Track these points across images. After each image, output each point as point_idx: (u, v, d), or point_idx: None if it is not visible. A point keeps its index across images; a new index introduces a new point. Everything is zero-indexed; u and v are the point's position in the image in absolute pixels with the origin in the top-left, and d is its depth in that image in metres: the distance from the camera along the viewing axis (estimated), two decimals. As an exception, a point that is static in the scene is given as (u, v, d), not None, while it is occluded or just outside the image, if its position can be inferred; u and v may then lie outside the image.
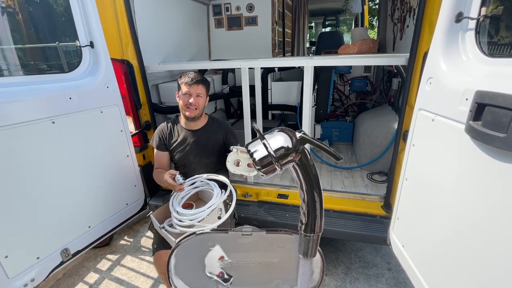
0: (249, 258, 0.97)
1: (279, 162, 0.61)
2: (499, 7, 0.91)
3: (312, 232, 0.70)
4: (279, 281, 1.01)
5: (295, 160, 0.62)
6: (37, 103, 1.26)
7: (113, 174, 1.66)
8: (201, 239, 0.95)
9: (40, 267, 1.32)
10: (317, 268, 0.94)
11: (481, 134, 0.74)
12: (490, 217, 0.77)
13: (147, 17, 2.34)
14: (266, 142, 0.61)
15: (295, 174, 0.65)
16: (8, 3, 2.15)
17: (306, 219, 0.69)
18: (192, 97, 1.59)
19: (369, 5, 7.61)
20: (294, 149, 0.61)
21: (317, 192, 0.66)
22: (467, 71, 0.91)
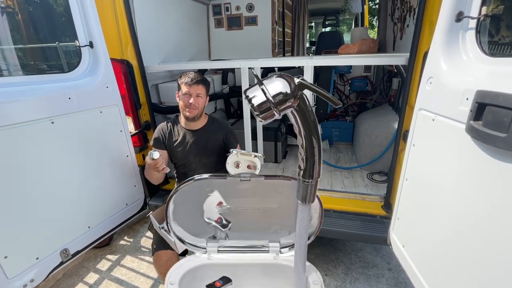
0: (248, 203, 0.97)
1: (277, 108, 0.60)
2: (499, 6, 0.91)
3: (311, 177, 0.70)
4: (277, 227, 1.02)
5: (293, 106, 0.62)
6: (37, 103, 1.26)
7: (113, 174, 1.66)
8: (200, 185, 0.94)
9: (39, 267, 1.32)
10: (315, 213, 0.94)
11: (482, 134, 0.73)
12: (490, 217, 0.76)
13: (146, 17, 2.34)
14: (264, 88, 0.61)
15: (294, 119, 0.65)
16: (7, 3, 2.15)
17: (305, 164, 0.69)
18: (192, 97, 1.59)
19: (369, 5, 7.60)
20: (292, 94, 0.60)
21: (316, 138, 0.66)
22: (467, 70, 0.91)
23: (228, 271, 0.98)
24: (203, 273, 1.01)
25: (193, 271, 1.00)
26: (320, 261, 2.13)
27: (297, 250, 0.82)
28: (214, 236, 1.04)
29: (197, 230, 1.02)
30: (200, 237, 1.03)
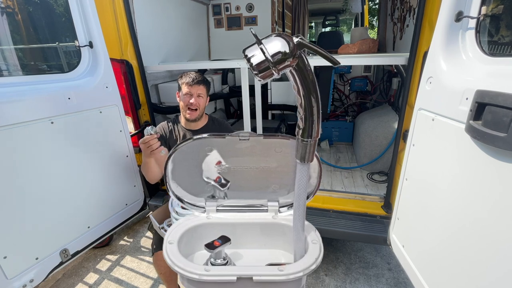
0: (247, 163, 0.97)
1: (276, 67, 0.60)
2: (499, 6, 0.91)
3: (309, 137, 0.69)
4: (276, 186, 1.01)
5: (292, 65, 0.62)
6: (36, 103, 1.26)
7: (113, 174, 1.66)
8: (199, 144, 0.93)
9: (39, 267, 1.32)
10: (314, 173, 0.94)
11: (482, 133, 0.73)
12: (490, 217, 0.76)
13: (146, 17, 2.34)
14: (263, 47, 0.61)
15: (292, 79, 0.65)
16: (7, 3, 2.15)
17: (303, 124, 0.68)
18: (193, 97, 1.59)
19: (369, 5, 7.60)
20: (291, 54, 0.60)
21: (314, 97, 0.65)
22: (467, 70, 0.91)
23: (226, 230, 0.97)
24: (201, 233, 1.01)
25: (192, 230, 0.99)
26: (320, 261, 2.13)
27: (295, 209, 0.82)
28: (213, 196, 1.03)
29: (196, 189, 1.01)
30: (199, 197, 1.03)
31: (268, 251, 1.06)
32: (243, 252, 1.05)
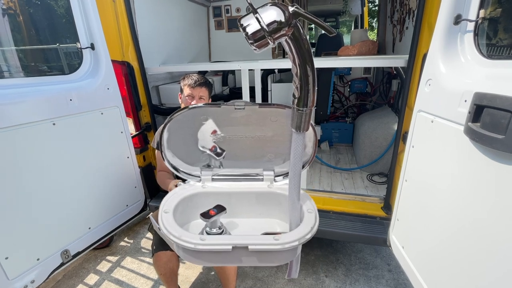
0: (242, 132, 0.97)
1: (271, 36, 0.60)
2: (497, 9, 0.92)
3: (305, 106, 0.69)
4: (271, 155, 1.01)
5: (287, 34, 0.61)
6: (38, 104, 1.27)
7: (113, 176, 1.67)
8: (194, 113, 0.93)
9: (40, 268, 1.32)
10: (309, 142, 0.94)
11: (480, 135, 0.74)
12: (489, 218, 0.77)
13: (147, 19, 2.36)
14: (258, 16, 0.60)
15: (288, 48, 0.64)
16: (9, 5, 2.16)
17: (299, 93, 0.68)
18: (195, 99, 1.59)
19: (369, 7, 7.63)
20: (287, 23, 0.60)
21: (310, 66, 0.65)
22: (466, 73, 0.92)
23: (222, 199, 0.97)
24: (197, 202, 1.01)
25: (187, 199, 0.99)
26: (320, 262, 2.13)
27: (291, 178, 0.81)
28: (209, 165, 1.03)
29: (192, 158, 1.01)
30: (194, 166, 1.02)
31: (263, 220, 1.06)
32: (238, 221, 1.05)
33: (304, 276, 2.01)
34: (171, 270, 1.55)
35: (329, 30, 0.64)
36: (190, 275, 2.06)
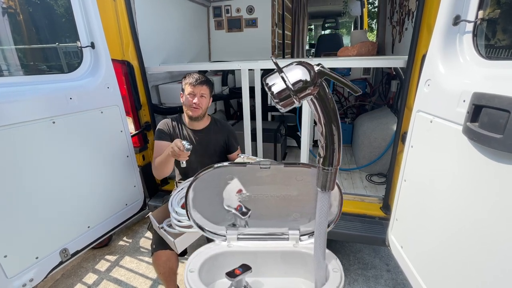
0: (267, 191, 0.97)
1: (297, 96, 0.60)
2: (496, 10, 0.92)
3: (330, 165, 0.69)
4: (297, 215, 1.01)
5: (313, 94, 0.62)
6: (38, 103, 1.27)
7: (113, 175, 1.67)
8: (219, 173, 0.94)
9: (39, 267, 1.32)
10: (335, 201, 0.94)
11: (478, 135, 0.74)
12: (487, 218, 0.77)
13: (147, 18, 2.36)
14: (284, 75, 0.61)
15: (313, 107, 0.65)
16: (9, 4, 2.16)
17: (324, 152, 0.68)
18: (196, 97, 1.60)
19: (369, 8, 7.65)
20: (312, 82, 0.60)
21: (335, 125, 0.65)
22: (464, 73, 0.92)
23: (247, 258, 0.97)
24: (222, 261, 1.01)
25: (213, 258, 1.00)
26: (319, 262, 2.13)
27: (316, 238, 0.81)
28: (234, 224, 1.03)
29: (217, 217, 1.01)
30: (219, 225, 1.03)
31: (289, 279, 1.06)
32: (264, 281, 1.05)
33: (303, 276, 2.01)
34: (170, 269, 1.55)
35: (354, 89, 0.64)
36: (189, 274, 2.05)
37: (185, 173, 1.76)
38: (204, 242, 1.79)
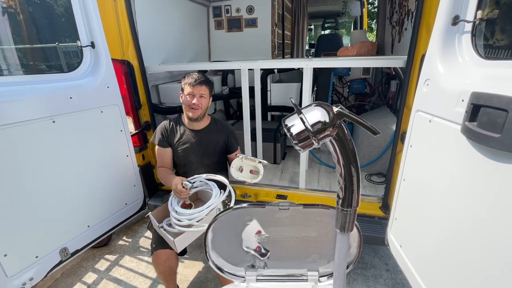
0: (286, 232, 0.97)
1: (316, 137, 0.60)
2: (494, 10, 0.93)
3: (349, 206, 0.70)
4: (316, 256, 1.01)
5: (332, 135, 0.62)
6: (38, 102, 1.27)
7: (113, 174, 1.67)
8: (238, 214, 0.94)
9: (39, 266, 1.32)
10: (354, 242, 0.93)
11: (477, 134, 0.75)
12: (486, 217, 0.78)
13: (147, 18, 2.36)
14: (303, 117, 0.61)
15: (332, 148, 0.65)
16: (9, 4, 2.16)
17: (343, 193, 0.69)
18: (195, 97, 1.59)
19: (368, 8, 7.66)
20: (331, 123, 0.60)
21: (354, 166, 0.66)
22: (463, 73, 0.93)
23: None
24: None
25: None
26: (318, 261, 2.14)
27: (336, 279, 0.80)
28: (253, 265, 1.03)
29: (236, 259, 1.02)
30: (238, 266, 1.03)
31: None
32: None
33: (303, 276, 2.01)
34: (170, 268, 1.55)
35: (374, 131, 0.64)
36: (188, 274, 2.06)
37: (184, 172, 1.77)
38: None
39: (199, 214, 1.33)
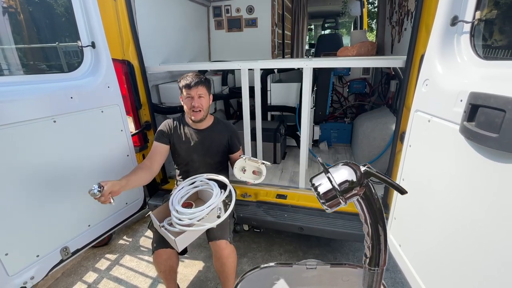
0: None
1: (343, 196, 0.61)
2: (493, 11, 0.93)
3: (377, 265, 0.70)
4: None
5: (359, 194, 0.63)
6: (39, 102, 1.27)
7: (113, 174, 1.67)
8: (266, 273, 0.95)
9: (39, 265, 1.33)
10: None
11: (475, 134, 0.75)
12: (485, 216, 0.78)
13: (148, 18, 2.36)
14: (330, 176, 0.62)
15: (359, 207, 0.66)
16: (10, 3, 2.17)
17: (371, 252, 0.69)
18: (194, 99, 1.57)
19: (368, 8, 7.66)
20: (358, 182, 0.62)
21: (381, 225, 0.66)
22: (462, 73, 0.93)
23: None
24: None
25: None
26: (318, 261, 2.15)
27: None
28: None
29: None
30: None
31: None
32: None
33: (302, 275, 2.02)
34: (170, 267, 1.56)
35: (401, 190, 0.64)
36: (189, 273, 2.07)
37: (186, 171, 1.77)
38: (204, 241, 1.82)
39: (200, 214, 1.33)
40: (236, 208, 1.84)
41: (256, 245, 2.34)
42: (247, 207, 1.99)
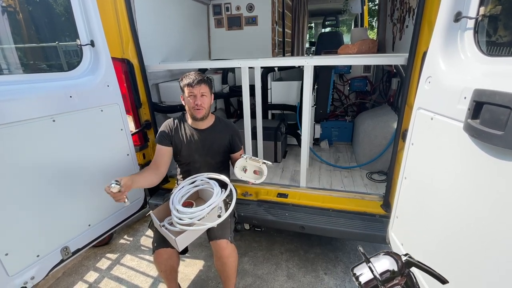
0: None
1: (384, 285, 0.61)
2: (497, 6, 0.92)
3: None
4: None
5: (400, 284, 0.63)
6: (38, 101, 1.27)
7: (113, 173, 1.67)
8: None
9: (40, 265, 1.33)
10: None
11: (479, 132, 0.74)
12: (488, 215, 0.77)
13: (147, 17, 2.35)
14: (371, 266, 0.62)
15: None
16: (9, 3, 2.16)
17: None
18: (197, 98, 1.56)
19: (369, 6, 7.62)
20: (399, 272, 0.62)
21: None
22: (465, 70, 0.92)
23: None
24: None
25: None
26: (319, 260, 2.14)
27: None
28: None
29: None
30: None
31: None
32: None
33: (304, 274, 2.02)
34: (171, 267, 1.56)
35: (443, 279, 0.64)
36: (189, 272, 2.06)
37: (187, 171, 1.76)
38: (205, 240, 1.81)
39: (201, 213, 1.33)
40: (237, 207, 1.84)
41: (257, 244, 2.34)
42: (248, 206, 1.98)
